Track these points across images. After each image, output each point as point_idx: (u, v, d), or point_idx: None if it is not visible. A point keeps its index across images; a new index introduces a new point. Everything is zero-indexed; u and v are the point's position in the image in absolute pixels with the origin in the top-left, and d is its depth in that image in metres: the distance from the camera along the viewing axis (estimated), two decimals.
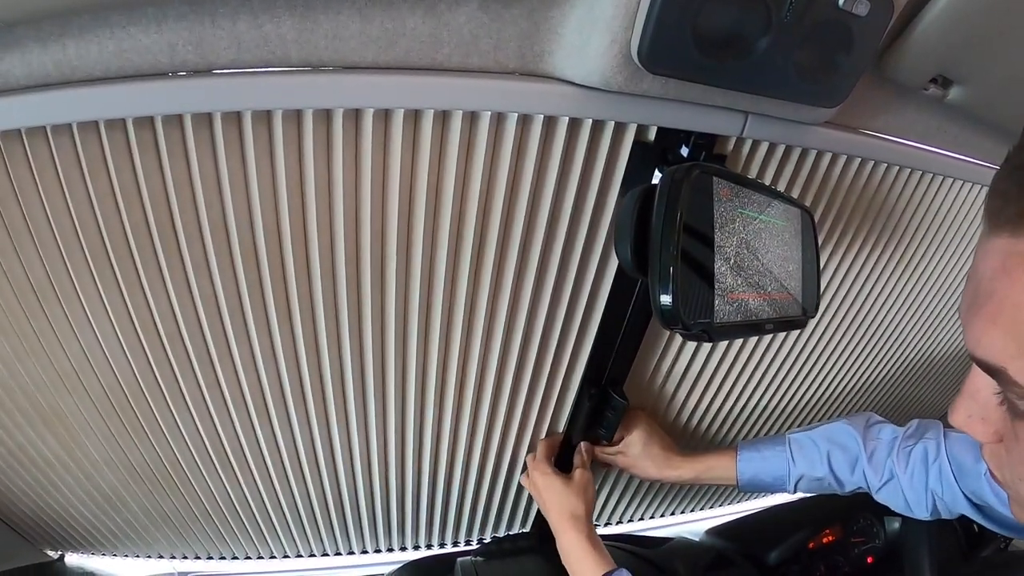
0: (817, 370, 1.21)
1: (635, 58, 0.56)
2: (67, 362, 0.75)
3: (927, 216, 1.01)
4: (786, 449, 0.97)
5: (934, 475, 0.87)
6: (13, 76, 0.52)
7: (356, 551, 1.22)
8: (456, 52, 0.58)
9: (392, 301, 0.78)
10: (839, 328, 1.14)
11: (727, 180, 0.62)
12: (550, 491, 0.97)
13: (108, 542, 1.10)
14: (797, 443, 0.98)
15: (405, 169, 0.66)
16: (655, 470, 1.03)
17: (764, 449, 0.99)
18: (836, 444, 0.95)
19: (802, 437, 0.98)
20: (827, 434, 0.96)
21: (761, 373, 1.14)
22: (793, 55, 0.60)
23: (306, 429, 0.91)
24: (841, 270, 1.02)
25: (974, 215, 1.06)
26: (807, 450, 0.96)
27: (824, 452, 0.95)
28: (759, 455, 0.99)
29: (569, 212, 0.75)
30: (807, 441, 0.97)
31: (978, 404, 0.46)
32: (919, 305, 1.19)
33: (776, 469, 0.98)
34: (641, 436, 1.03)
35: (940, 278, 1.16)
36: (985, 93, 0.75)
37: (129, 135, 0.58)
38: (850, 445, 0.95)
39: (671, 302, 0.54)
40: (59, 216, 0.62)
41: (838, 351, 1.20)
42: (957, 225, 1.06)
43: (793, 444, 0.98)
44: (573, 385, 0.98)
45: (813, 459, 0.96)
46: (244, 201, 0.65)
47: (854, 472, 0.94)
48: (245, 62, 0.55)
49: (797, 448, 0.97)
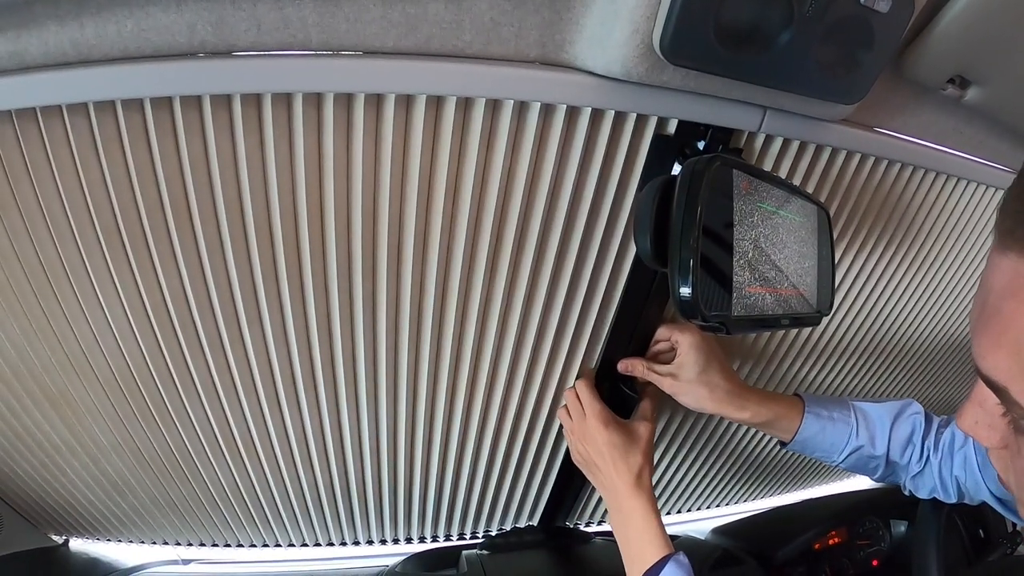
0: (828, 368, 1.21)
1: (657, 49, 0.56)
2: (76, 344, 0.75)
3: (941, 217, 1.00)
4: (851, 417, 0.88)
5: (959, 462, 0.86)
6: (30, 54, 0.52)
7: (361, 541, 1.21)
8: (477, 39, 0.58)
9: (407, 288, 0.77)
10: (851, 326, 1.14)
11: (747, 173, 0.61)
12: (612, 445, 0.85)
13: (113, 527, 1.10)
14: (863, 414, 0.89)
15: (425, 156, 0.66)
16: (711, 402, 0.85)
17: (832, 410, 0.89)
18: (901, 423, 0.88)
19: (869, 409, 0.89)
20: (895, 411, 0.89)
21: (771, 373, 1.14)
22: (814, 50, 0.60)
23: (316, 417, 0.91)
24: (854, 269, 1.01)
25: (988, 217, 1.05)
26: (872, 424, 0.88)
27: (887, 429, 0.88)
28: (827, 415, 0.88)
29: (588, 204, 0.74)
30: (874, 414, 0.89)
31: (985, 412, 0.47)
32: (932, 305, 1.19)
33: (837, 436, 0.88)
34: (700, 358, 0.84)
35: (953, 280, 1.15)
36: (1003, 95, 0.75)
37: (146, 116, 0.58)
38: (913, 429, 0.88)
39: (690, 293, 0.54)
40: (72, 196, 0.62)
41: (850, 349, 1.20)
42: (972, 227, 1.06)
43: (859, 413, 0.88)
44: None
45: (875, 435, 0.88)
46: (261, 185, 0.65)
47: (902, 456, 0.89)
48: (265, 44, 0.54)
49: (863, 419, 0.88)
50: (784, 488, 1.61)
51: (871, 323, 1.15)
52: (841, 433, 0.87)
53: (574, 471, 1.12)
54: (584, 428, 0.88)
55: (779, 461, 1.44)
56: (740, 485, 1.48)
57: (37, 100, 0.55)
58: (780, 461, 1.45)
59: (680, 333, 0.86)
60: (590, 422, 0.87)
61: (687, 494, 1.41)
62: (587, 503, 1.30)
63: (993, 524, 1.57)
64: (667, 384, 0.86)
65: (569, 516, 1.30)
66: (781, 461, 1.45)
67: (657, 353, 0.91)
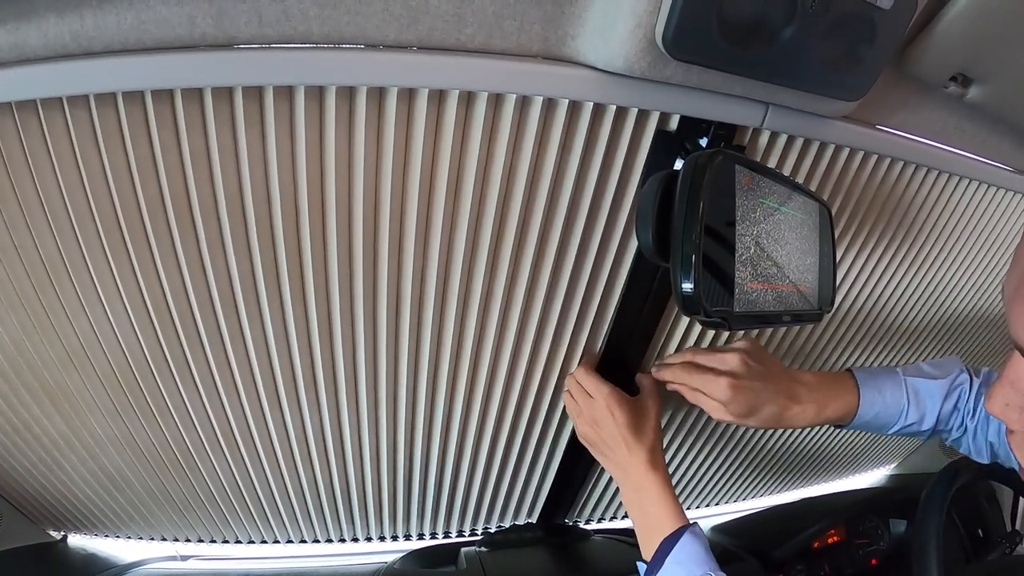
0: (829, 366, 1.21)
1: (659, 44, 0.56)
2: (75, 339, 0.75)
3: (943, 216, 1.00)
4: (903, 397, 0.86)
5: (993, 429, 0.85)
6: (29, 46, 0.51)
7: (360, 538, 1.21)
8: (479, 33, 0.58)
9: (408, 283, 0.77)
10: (852, 324, 1.14)
11: (749, 169, 0.61)
12: (625, 425, 0.84)
13: (111, 523, 1.10)
14: (915, 392, 0.86)
15: (427, 150, 0.66)
16: (774, 404, 0.81)
17: (885, 391, 0.86)
18: (950, 397, 0.87)
19: (921, 386, 0.86)
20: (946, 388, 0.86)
21: None
22: (816, 46, 0.60)
23: (315, 412, 0.91)
24: (856, 266, 1.01)
25: (990, 216, 1.05)
26: (923, 403, 0.86)
27: (938, 407, 0.86)
28: (881, 400, 0.85)
29: (589, 199, 0.74)
30: (925, 392, 0.86)
31: (1017, 392, 0.46)
32: (933, 303, 1.19)
33: (888, 418, 0.87)
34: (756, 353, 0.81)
35: (954, 278, 1.15)
36: (1004, 93, 0.75)
37: (147, 108, 0.57)
38: (959, 399, 0.87)
39: (693, 288, 0.54)
40: (72, 189, 0.61)
41: (850, 347, 1.20)
42: (972, 226, 1.05)
43: (911, 393, 0.86)
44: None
45: (926, 413, 0.86)
46: (262, 178, 0.64)
47: (947, 425, 0.88)
48: (266, 37, 0.54)
49: (914, 398, 0.86)
50: (783, 487, 1.61)
51: (872, 321, 1.15)
52: (892, 415, 0.86)
53: (574, 468, 1.12)
54: (593, 411, 0.87)
55: (779, 459, 1.45)
56: (739, 483, 1.48)
57: (37, 92, 0.54)
58: (780, 459, 1.45)
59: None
60: (599, 404, 0.86)
61: (687, 492, 1.41)
62: (587, 501, 1.29)
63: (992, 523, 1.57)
64: (731, 387, 0.79)
65: (568, 514, 1.30)
66: (781, 459, 1.45)
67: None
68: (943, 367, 0.89)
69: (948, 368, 0.89)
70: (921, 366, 0.89)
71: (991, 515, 1.59)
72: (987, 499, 1.60)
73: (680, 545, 0.77)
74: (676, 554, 0.77)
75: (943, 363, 0.90)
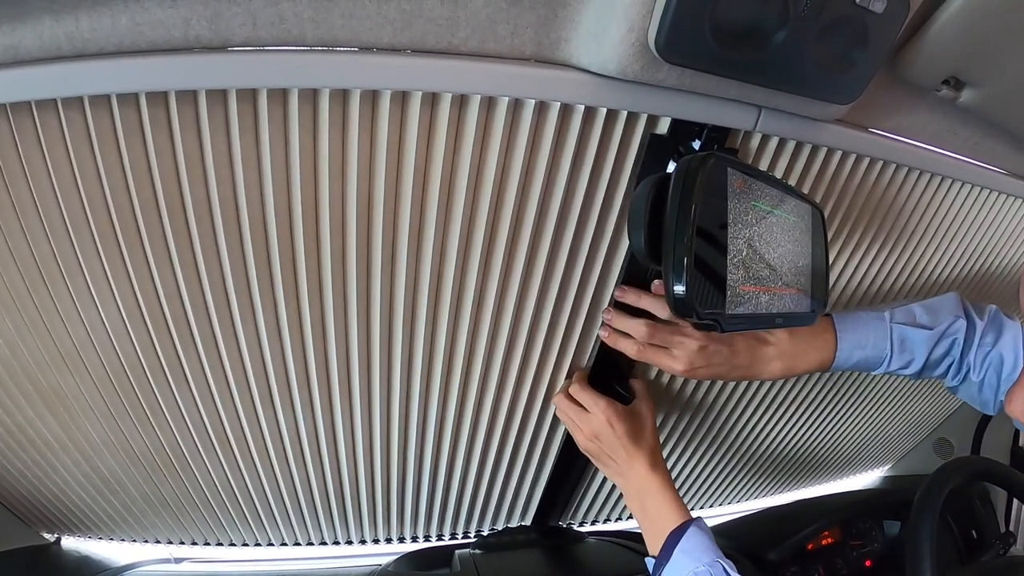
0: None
1: (652, 47, 0.56)
2: (69, 341, 0.75)
3: (936, 219, 1.01)
4: (887, 343, 0.85)
5: (1005, 389, 0.84)
6: (25, 48, 0.51)
7: (354, 541, 1.21)
8: (473, 36, 0.58)
9: (401, 287, 0.77)
10: None
11: (741, 171, 0.61)
12: (624, 435, 0.85)
13: (105, 526, 1.09)
14: (900, 338, 0.85)
15: (420, 152, 0.66)
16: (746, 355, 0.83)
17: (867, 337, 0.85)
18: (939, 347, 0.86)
19: (908, 334, 0.85)
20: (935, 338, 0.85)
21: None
22: (809, 49, 0.60)
23: (309, 416, 0.91)
24: (849, 269, 1.01)
25: (983, 219, 1.06)
26: (911, 349, 0.86)
27: (924, 356, 0.86)
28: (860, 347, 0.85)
29: (580, 202, 0.74)
30: (913, 339, 0.85)
31: None
32: None
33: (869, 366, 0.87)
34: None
35: (947, 281, 1.16)
36: (997, 97, 0.75)
37: (142, 110, 0.57)
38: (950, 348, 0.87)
39: (685, 291, 0.54)
40: (67, 191, 0.61)
41: None
42: (965, 229, 1.06)
43: (895, 338, 0.85)
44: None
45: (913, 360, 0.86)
46: (256, 180, 0.64)
47: (935, 371, 0.89)
48: (260, 40, 0.54)
49: (899, 344, 0.85)
50: (777, 488, 1.61)
51: None
52: (874, 362, 0.87)
53: (568, 471, 1.13)
54: (592, 425, 0.88)
55: (773, 461, 1.45)
56: (733, 485, 1.49)
57: (32, 94, 0.54)
58: (774, 461, 1.45)
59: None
60: (597, 419, 0.87)
61: (681, 494, 1.41)
62: (580, 503, 1.29)
63: (985, 525, 1.58)
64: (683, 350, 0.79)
65: (562, 516, 1.30)
66: (775, 461, 1.45)
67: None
68: (937, 313, 0.88)
69: (942, 314, 0.87)
70: (913, 309, 0.88)
71: (984, 516, 1.60)
72: (981, 500, 1.61)
73: (687, 536, 0.79)
74: (683, 544, 0.78)
75: (938, 306, 0.88)
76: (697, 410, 1.16)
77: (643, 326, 0.81)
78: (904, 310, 0.88)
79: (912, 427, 1.66)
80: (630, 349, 0.82)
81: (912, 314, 0.87)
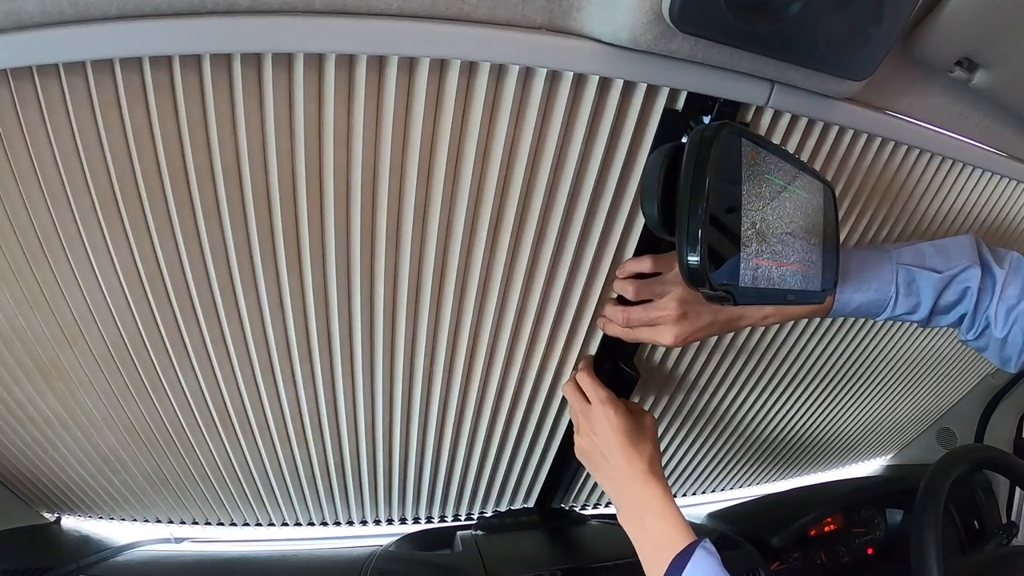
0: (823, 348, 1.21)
1: (666, 16, 0.55)
2: (69, 313, 0.74)
3: (947, 202, 1.00)
4: (892, 285, 0.78)
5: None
6: (26, 12, 0.50)
7: (355, 521, 1.21)
8: (483, 3, 0.56)
9: (406, 259, 0.76)
10: None
11: (755, 143, 0.60)
12: (622, 431, 0.80)
13: (105, 505, 1.09)
14: (906, 280, 0.79)
15: (428, 121, 0.65)
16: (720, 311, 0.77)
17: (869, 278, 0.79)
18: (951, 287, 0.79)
19: (916, 276, 0.78)
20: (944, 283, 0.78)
21: (774, 352, 1.14)
22: (824, 23, 0.59)
23: (311, 393, 0.90)
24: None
25: (993, 203, 1.05)
26: (918, 291, 0.79)
27: (934, 295, 0.78)
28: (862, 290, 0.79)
29: (594, 176, 0.73)
30: (922, 281, 0.78)
31: None
32: None
33: (872, 310, 0.80)
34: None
35: None
36: (1010, 80, 0.74)
37: (145, 75, 0.56)
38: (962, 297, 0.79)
39: (699, 261, 0.53)
40: (68, 158, 0.60)
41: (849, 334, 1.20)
42: (975, 213, 1.05)
43: (901, 280, 0.78)
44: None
45: (919, 300, 0.79)
46: (260, 147, 0.63)
47: (946, 319, 0.82)
48: (267, 4, 0.53)
49: (905, 286, 0.79)
50: (780, 475, 1.61)
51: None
52: (878, 306, 0.80)
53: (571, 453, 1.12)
54: (591, 418, 0.84)
55: (776, 447, 1.45)
56: (736, 471, 1.49)
57: (33, 59, 0.53)
58: (777, 447, 1.45)
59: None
60: (596, 409, 0.83)
61: (684, 479, 1.41)
62: (583, 486, 1.30)
63: (988, 515, 1.58)
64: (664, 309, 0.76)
65: (565, 498, 1.30)
66: (778, 447, 1.45)
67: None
68: (949, 255, 0.79)
69: (954, 257, 0.79)
70: (923, 249, 0.80)
71: (987, 506, 1.60)
72: (983, 490, 1.61)
73: (694, 562, 0.70)
74: (691, 570, 0.69)
75: (951, 247, 0.80)
76: (701, 394, 1.16)
77: (618, 310, 0.80)
78: (912, 249, 0.80)
79: (916, 416, 1.66)
80: (620, 332, 0.81)
81: (922, 254, 0.80)
